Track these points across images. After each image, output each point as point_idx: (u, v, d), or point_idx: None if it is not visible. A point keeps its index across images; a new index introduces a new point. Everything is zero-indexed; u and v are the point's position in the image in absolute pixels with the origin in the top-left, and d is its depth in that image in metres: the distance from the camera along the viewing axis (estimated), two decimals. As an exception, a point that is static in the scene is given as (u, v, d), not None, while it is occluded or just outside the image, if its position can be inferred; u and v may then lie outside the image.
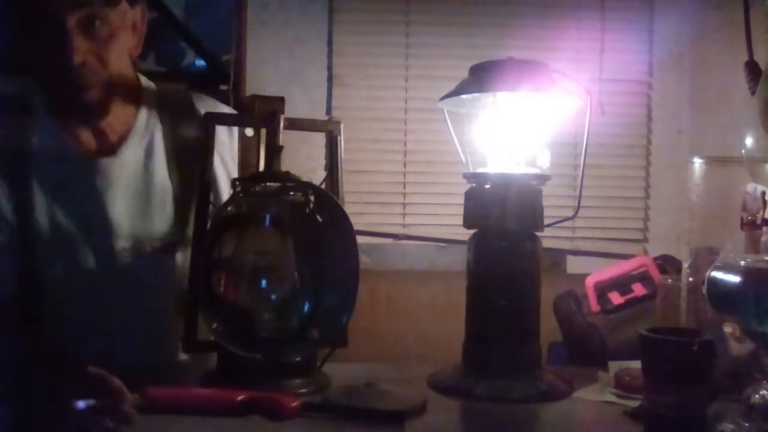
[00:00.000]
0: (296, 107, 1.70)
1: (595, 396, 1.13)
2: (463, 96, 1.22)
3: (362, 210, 2.16)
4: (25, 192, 1.22)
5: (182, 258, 1.25)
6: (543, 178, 1.20)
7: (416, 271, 2.09)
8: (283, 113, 1.17)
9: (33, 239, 1.22)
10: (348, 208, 1.16)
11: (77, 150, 1.26)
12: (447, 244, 1.94)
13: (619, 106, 2.20)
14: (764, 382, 0.94)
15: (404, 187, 2.22)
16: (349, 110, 2.19)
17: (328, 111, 2.22)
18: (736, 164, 1.06)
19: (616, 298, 1.36)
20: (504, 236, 1.18)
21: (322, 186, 1.22)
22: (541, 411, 1.11)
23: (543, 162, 1.21)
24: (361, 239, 1.18)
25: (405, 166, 2.23)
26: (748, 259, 0.94)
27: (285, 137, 1.17)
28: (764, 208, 0.97)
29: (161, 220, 1.27)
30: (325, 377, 1.16)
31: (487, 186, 1.20)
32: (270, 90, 1.83)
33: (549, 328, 1.40)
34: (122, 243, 1.24)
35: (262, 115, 1.17)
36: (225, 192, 1.29)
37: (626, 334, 1.29)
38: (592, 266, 1.98)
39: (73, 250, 1.23)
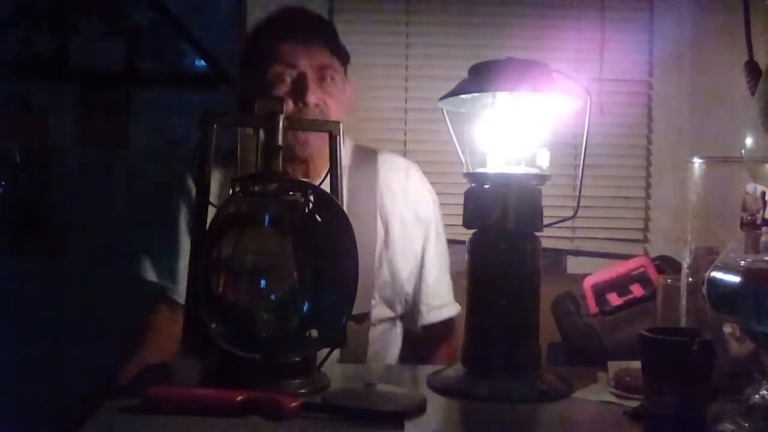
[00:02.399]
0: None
1: (595, 396, 1.13)
2: (463, 96, 1.22)
3: (362, 210, 2.15)
4: None
5: None
6: (543, 178, 1.20)
7: (416, 271, 2.09)
8: (282, 113, 1.17)
9: None
10: (348, 208, 1.16)
11: None
12: (447, 244, 1.93)
13: (619, 106, 2.20)
14: (764, 382, 0.94)
15: (404, 187, 2.21)
16: (349, 110, 2.18)
17: (328, 111, 2.22)
18: (736, 164, 1.06)
19: (614, 299, 1.36)
20: (504, 236, 1.18)
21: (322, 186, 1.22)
22: (541, 411, 1.11)
23: (543, 162, 1.21)
24: (360, 239, 1.17)
25: (405, 166, 2.22)
26: (748, 259, 0.94)
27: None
28: (764, 208, 0.97)
29: None
30: (325, 377, 1.16)
31: (487, 186, 1.19)
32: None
33: (549, 329, 1.40)
34: None
35: (262, 115, 1.17)
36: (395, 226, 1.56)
37: (624, 335, 1.29)
38: (592, 266, 1.98)
39: None
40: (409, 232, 1.60)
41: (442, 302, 1.63)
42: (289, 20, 1.55)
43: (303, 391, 1.09)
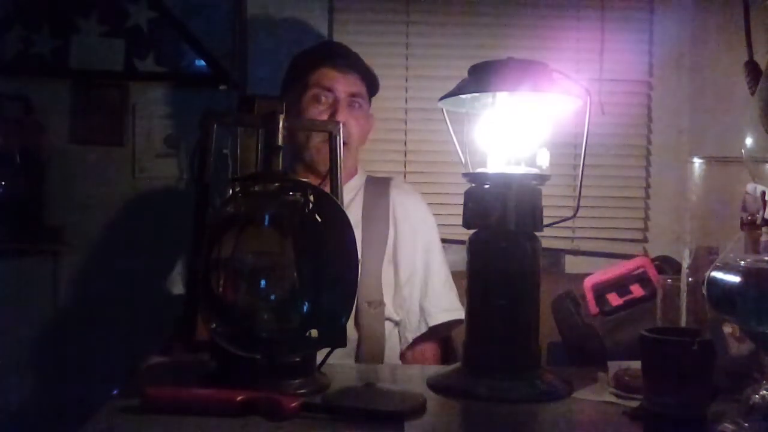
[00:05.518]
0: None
1: (595, 396, 1.13)
2: (463, 96, 1.22)
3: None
4: None
5: None
6: (543, 178, 1.20)
7: (416, 271, 2.09)
8: (282, 113, 1.17)
9: None
10: (348, 208, 1.16)
11: None
12: (447, 244, 1.94)
13: (619, 106, 2.20)
14: (764, 382, 0.94)
15: (404, 188, 2.21)
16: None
17: (328, 111, 2.22)
18: (736, 164, 1.05)
19: (614, 299, 1.36)
20: (504, 236, 1.18)
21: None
22: (541, 411, 1.11)
23: (543, 162, 1.21)
24: (360, 239, 1.17)
25: (405, 166, 2.23)
26: (748, 259, 0.94)
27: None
28: (764, 208, 0.97)
29: None
30: (325, 377, 1.16)
31: (487, 186, 1.20)
32: (270, 90, 1.83)
33: (549, 329, 1.40)
34: None
35: (262, 115, 1.17)
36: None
37: (624, 335, 1.29)
38: (592, 266, 1.98)
39: None
40: (412, 241, 1.73)
41: (450, 305, 1.71)
42: (330, 50, 1.79)
43: (303, 391, 1.09)
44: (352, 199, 1.72)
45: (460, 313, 1.67)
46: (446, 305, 1.70)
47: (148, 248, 2.01)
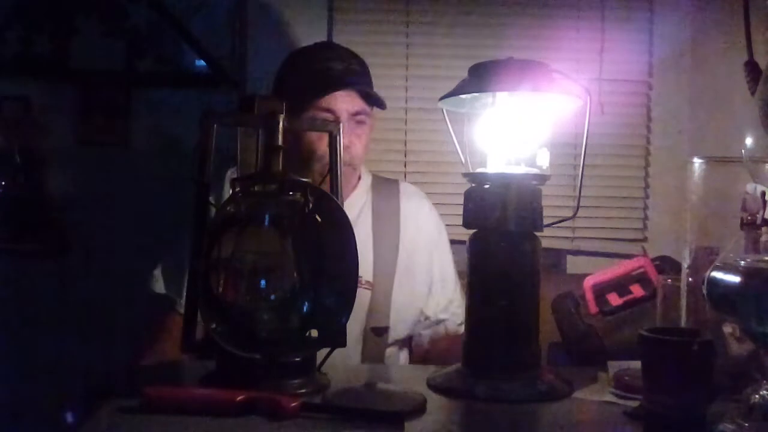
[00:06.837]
0: (296, 107, 1.70)
1: (595, 396, 1.13)
2: (463, 96, 1.22)
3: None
4: None
5: None
6: (543, 178, 1.20)
7: (416, 271, 2.09)
8: (282, 113, 1.17)
9: None
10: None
11: None
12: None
13: (619, 106, 2.20)
14: (764, 382, 0.94)
15: (404, 188, 2.21)
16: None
17: (328, 111, 2.21)
18: (736, 164, 1.05)
19: (614, 299, 1.36)
20: (504, 236, 1.18)
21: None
22: (541, 411, 1.11)
23: (543, 162, 1.21)
24: (360, 239, 1.17)
25: (405, 166, 2.23)
26: (748, 259, 0.94)
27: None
28: (764, 208, 0.97)
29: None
30: (325, 378, 1.16)
31: (487, 186, 1.20)
32: (270, 90, 1.83)
33: (549, 329, 1.40)
34: None
35: (262, 115, 1.17)
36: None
37: (625, 335, 1.29)
38: (592, 266, 1.98)
39: None
40: (426, 255, 1.68)
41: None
42: (331, 65, 1.58)
43: (303, 391, 1.09)
44: (358, 215, 1.62)
45: None
46: (461, 318, 1.66)
47: (148, 248, 2.01)
